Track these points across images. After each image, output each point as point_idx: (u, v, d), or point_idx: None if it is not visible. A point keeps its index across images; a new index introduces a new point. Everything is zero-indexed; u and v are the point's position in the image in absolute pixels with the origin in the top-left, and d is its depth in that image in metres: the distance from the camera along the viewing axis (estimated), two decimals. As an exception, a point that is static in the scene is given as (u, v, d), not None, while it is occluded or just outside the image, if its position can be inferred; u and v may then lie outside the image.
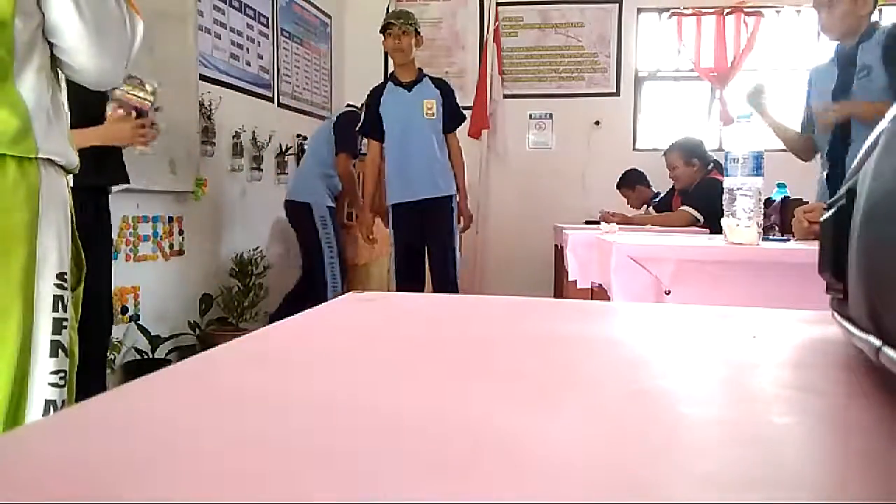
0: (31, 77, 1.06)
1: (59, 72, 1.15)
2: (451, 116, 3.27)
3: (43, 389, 1.09)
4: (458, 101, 3.33)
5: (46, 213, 1.08)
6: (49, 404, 1.10)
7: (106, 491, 0.17)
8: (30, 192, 1.05)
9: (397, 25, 3.11)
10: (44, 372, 1.09)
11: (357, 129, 3.45)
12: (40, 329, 1.08)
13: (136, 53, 1.21)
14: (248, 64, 3.94)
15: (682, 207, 3.30)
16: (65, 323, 1.11)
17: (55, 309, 1.10)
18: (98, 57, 1.12)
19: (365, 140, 3.49)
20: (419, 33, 3.20)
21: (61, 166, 1.12)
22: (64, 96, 1.17)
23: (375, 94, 3.29)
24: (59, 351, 1.11)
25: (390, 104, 3.23)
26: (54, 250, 1.10)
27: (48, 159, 1.09)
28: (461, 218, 3.36)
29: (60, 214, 1.11)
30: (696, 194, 3.34)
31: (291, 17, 4.49)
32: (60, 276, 1.11)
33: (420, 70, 3.28)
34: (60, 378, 1.11)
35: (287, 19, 4.42)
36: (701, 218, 3.16)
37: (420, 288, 3.27)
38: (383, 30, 3.16)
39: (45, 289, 1.08)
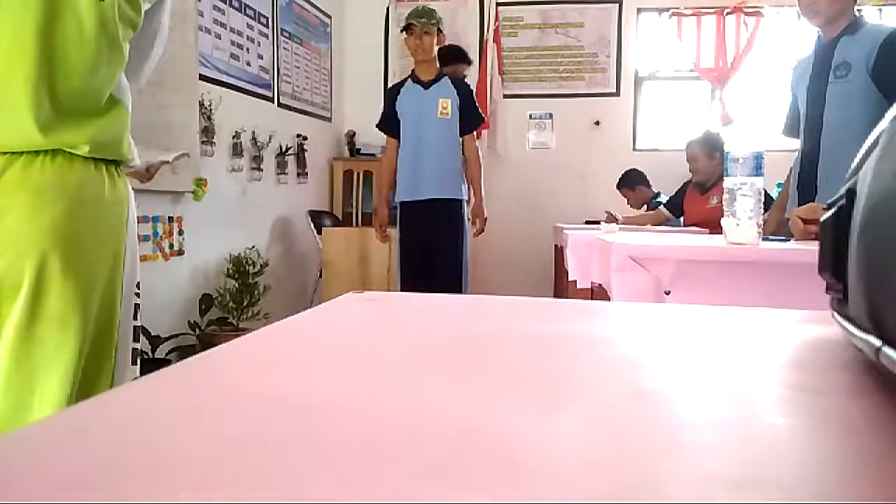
0: (125, 86, 1.09)
1: None
2: (467, 118, 3.21)
3: None
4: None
5: (131, 221, 1.09)
6: None
7: (106, 491, 0.17)
8: (124, 200, 1.07)
9: (419, 25, 3.08)
10: (126, 380, 1.09)
11: (376, 124, 3.42)
12: (128, 338, 1.08)
13: None
14: (248, 64, 3.94)
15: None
16: (140, 330, 1.12)
17: (135, 317, 1.10)
18: (148, 71, 1.23)
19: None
20: (441, 31, 3.17)
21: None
22: None
23: (394, 91, 3.28)
24: (137, 358, 1.12)
25: (406, 101, 3.21)
26: (135, 259, 1.10)
27: (129, 165, 1.10)
28: (476, 221, 3.32)
29: (135, 222, 1.12)
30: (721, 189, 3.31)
31: (291, 17, 4.49)
32: (138, 284, 1.11)
33: (441, 69, 3.25)
34: None
35: (287, 19, 4.42)
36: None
37: (425, 288, 3.25)
38: (405, 29, 3.13)
39: (129, 298, 1.09)
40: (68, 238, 0.95)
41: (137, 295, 1.11)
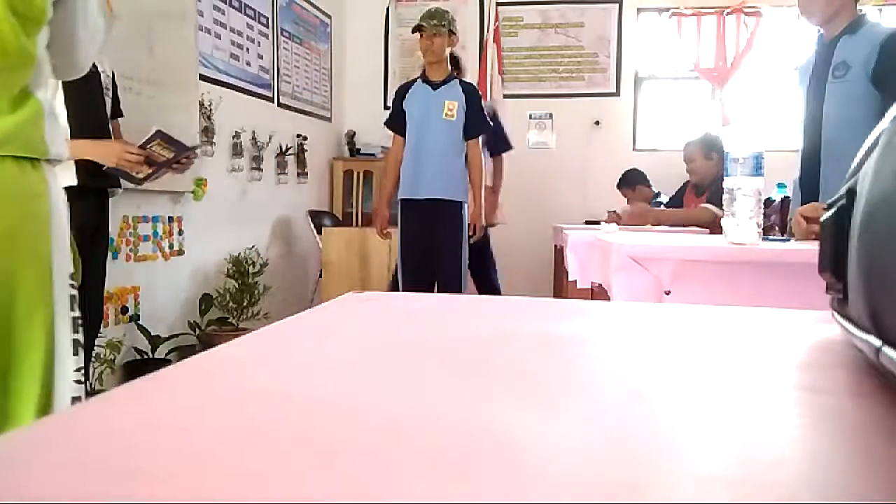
0: (43, 80, 1.09)
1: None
2: (473, 122, 3.20)
3: (69, 388, 1.11)
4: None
5: (56, 213, 1.09)
6: (75, 401, 1.12)
7: (106, 491, 0.17)
8: (43, 193, 1.07)
9: (428, 27, 3.09)
10: (68, 371, 1.10)
11: (384, 121, 3.46)
12: (62, 329, 1.09)
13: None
14: (248, 64, 3.94)
15: (705, 205, 3.27)
16: (79, 321, 1.13)
17: (72, 308, 1.11)
18: (83, 61, 1.20)
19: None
20: (453, 32, 3.16)
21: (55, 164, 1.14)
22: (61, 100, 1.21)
23: (403, 89, 3.30)
24: (79, 349, 1.13)
25: (414, 100, 3.22)
26: (65, 250, 1.11)
27: (52, 160, 1.11)
28: (473, 227, 3.32)
29: (64, 214, 1.13)
30: (717, 190, 3.31)
31: (291, 17, 4.49)
32: (72, 275, 1.12)
33: (452, 72, 3.25)
34: (82, 374, 1.14)
35: (287, 19, 4.42)
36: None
37: (427, 286, 3.25)
38: (416, 30, 3.14)
39: (62, 289, 1.10)
40: None
41: (73, 286, 1.12)
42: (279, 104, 4.32)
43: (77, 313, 1.12)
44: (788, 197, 2.20)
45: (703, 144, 3.50)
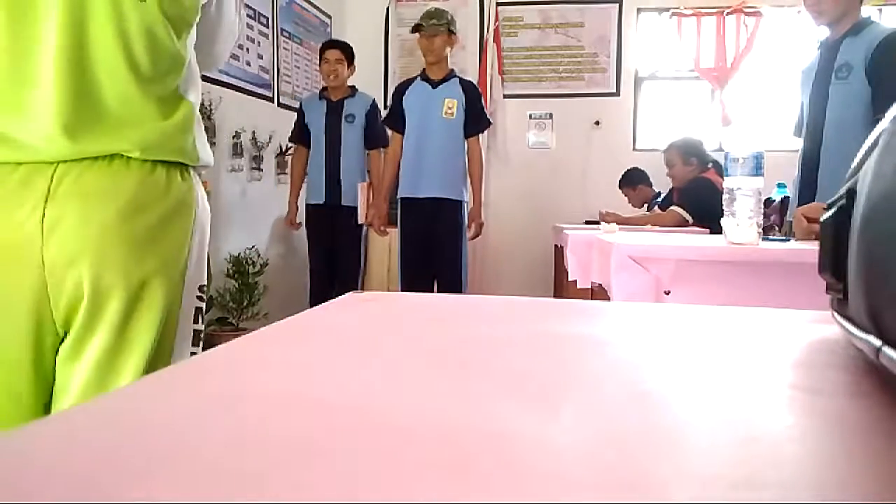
0: (193, 82, 1.06)
1: None
2: (473, 120, 3.21)
3: None
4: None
5: (199, 223, 1.04)
6: None
7: (106, 491, 0.17)
8: (190, 202, 1.03)
9: (426, 27, 3.10)
10: None
11: (382, 119, 3.45)
12: (186, 342, 1.04)
13: None
14: (248, 64, 3.94)
15: (672, 207, 3.32)
16: (201, 335, 1.08)
17: (195, 321, 1.06)
18: (221, 55, 1.21)
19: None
20: (453, 32, 3.17)
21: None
22: None
23: (402, 87, 3.30)
24: None
25: (413, 98, 3.22)
26: (201, 261, 1.06)
27: (198, 167, 1.06)
28: (472, 225, 3.32)
29: (206, 224, 1.08)
30: (685, 193, 3.34)
31: (291, 17, 4.49)
32: (201, 288, 1.07)
33: (452, 70, 3.26)
34: None
35: (287, 19, 4.42)
36: (690, 218, 3.16)
37: (426, 285, 3.25)
38: (415, 29, 3.15)
39: (190, 300, 1.04)
40: (122, 241, 0.92)
41: (200, 298, 1.06)
42: (279, 104, 4.32)
43: (200, 326, 1.07)
44: (788, 197, 2.20)
45: (683, 149, 3.48)
